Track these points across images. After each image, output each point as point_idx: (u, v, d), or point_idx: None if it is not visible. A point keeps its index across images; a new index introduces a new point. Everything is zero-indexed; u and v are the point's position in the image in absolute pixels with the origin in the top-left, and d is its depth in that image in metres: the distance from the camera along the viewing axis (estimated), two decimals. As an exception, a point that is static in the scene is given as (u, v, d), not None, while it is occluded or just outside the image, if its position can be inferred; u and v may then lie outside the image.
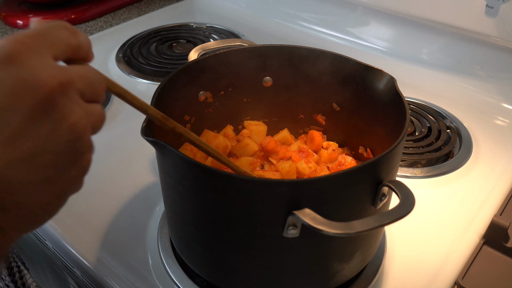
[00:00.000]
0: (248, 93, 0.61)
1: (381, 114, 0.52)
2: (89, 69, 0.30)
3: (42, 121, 0.26)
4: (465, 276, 0.52)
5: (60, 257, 0.61)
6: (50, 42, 0.28)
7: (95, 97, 0.30)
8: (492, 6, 0.79)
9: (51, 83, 0.26)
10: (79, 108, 0.28)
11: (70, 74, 0.28)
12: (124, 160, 0.70)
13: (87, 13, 1.17)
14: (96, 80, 0.30)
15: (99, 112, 0.30)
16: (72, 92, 0.27)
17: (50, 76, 0.26)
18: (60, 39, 0.28)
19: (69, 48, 0.29)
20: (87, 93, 0.29)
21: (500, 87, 0.84)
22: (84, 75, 0.29)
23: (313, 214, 0.35)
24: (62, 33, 0.29)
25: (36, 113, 0.25)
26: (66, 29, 0.29)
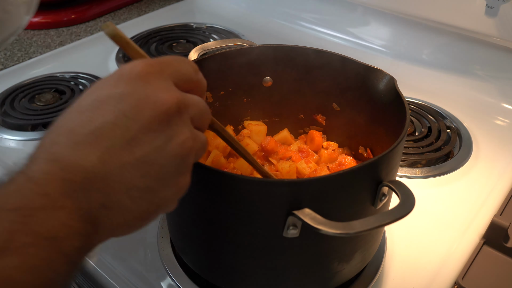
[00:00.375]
0: (248, 93, 0.61)
1: (381, 114, 0.52)
2: (202, 101, 0.33)
3: (157, 134, 0.29)
4: (465, 276, 0.52)
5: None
6: (174, 71, 0.31)
7: (201, 125, 0.33)
8: (492, 6, 0.79)
9: (170, 102, 0.29)
10: (188, 131, 0.31)
11: (186, 99, 0.31)
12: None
13: (87, 13, 1.17)
14: (206, 111, 0.33)
15: (203, 139, 0.33)
16: (185, 115, 0.31)
17: (170, 96, 0.29)
18: (183, 71, 0.32)
19: (188, 81, 0.32)
20: (196, 120, 0.32)
21: (500, 87, 0.84)
22: (197, 103, 0.32)
23: (313, 214, 0.35)
24: (186, 67, 0.32)
25: (153, 125, 0.29)
26: (190, 65, 0.33)
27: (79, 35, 1.10)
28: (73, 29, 1.14)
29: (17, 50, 1.03)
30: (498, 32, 0.81)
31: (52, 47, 1.04)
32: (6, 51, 1.03)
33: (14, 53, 1.02)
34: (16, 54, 1.02)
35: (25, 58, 1.00)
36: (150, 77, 0.30)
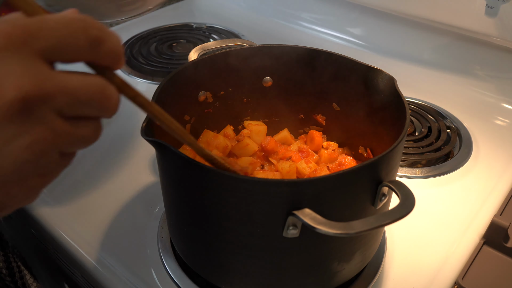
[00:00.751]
0: (248, 93, 0.61)
1: (381, 114, 0.52)
2: (84, 83, 0.25)
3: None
4: (465, 276, 0.52)
5: (60, 258, 0.61)
6: (48, 42, 0.24)
7: (85, 114, 0.26)
8: (492, 6, 0.79)
9: (10, 96, 0.22)
10: (42, 128, 0.24)
11: (45, 88, 0.24)
12: (124, 160, 0.70)
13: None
14: (92, 97, 0.26)
15: (79, 134, 0.26)
16: (40, 109, 0.24)
17: (15, 86, 0.22)
18: (64, 41, 0.24)
19: (75, 52, 0.25)
20: (70, 110, 0.25)
21: (500, 87, 0.84)
22: (70, 89, 0.25)
23: (313, 214, 0.35)
24: (70, 30, 0.24)
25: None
26: (81, 24, 0.25)
27: (79, 35, 1.10)
28: (73, 29, 1.13)
29: (17, 50, 1.03)
30: (498, 32, 0.81)
31: (52, 47, 1.04)
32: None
33: (14, 53, 1.02)
34: (16, 54, 1.02)
35: (25, 58, 1.00)
36: (4, 52, 0.23)
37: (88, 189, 0.65)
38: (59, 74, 0.24)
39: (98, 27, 0.25)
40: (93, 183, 0.66)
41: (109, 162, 0.69)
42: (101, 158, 0.70)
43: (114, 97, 0.27)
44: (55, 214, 0.61)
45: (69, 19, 0.24)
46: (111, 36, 0.26)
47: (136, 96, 0.30)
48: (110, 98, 0.27)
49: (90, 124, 0.27)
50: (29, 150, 0.24)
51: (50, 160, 0.26)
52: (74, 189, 0.65)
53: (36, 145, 0.24)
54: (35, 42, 0.23)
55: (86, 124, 0.27)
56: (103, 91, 0.26)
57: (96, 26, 0.25)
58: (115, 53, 0.27)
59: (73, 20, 0.25)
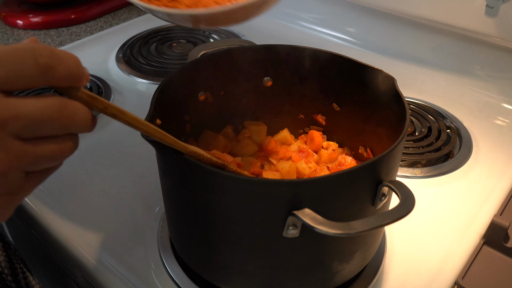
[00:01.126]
0: (248, 93, 0.61)
1: (381, 114, 0.52)
2: (39, 105, 0.26)
3: None
4: (465, 276, 0.52)
5: (60, 258, 0.61)
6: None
7: (46, 133, 0.27)
8: (492, 6, 0.79)
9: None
10: (0, 152, 0.26)
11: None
12: (124, 160, 0.70)
13: (87, 13, 1.17)
14: (49, 118, 0.26)
15: (41, 152, 0.27)
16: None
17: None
18: (13, 68, 0.25)
19: (25, 79, 0.26)
20: (27, 132, 0.26)
21: (500, 87, 0.84)
22: (23, 114, 0.26)
23: (313, 214, 0.35)
24: (17, 60, 0.25)
25: None
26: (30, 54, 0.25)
27: (79, 35, 1.10)
28: (73, 29, 1.13)
29: (17, 50, 1.03)
30: (498, 32, 0.81)
31: (52, 47, 1.04)
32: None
33: (14, 53, 1.02)
34: (16, 54, 1.02)
35: (25, 58, 0.99)
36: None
37: (88, 189, 0.65)
38: (12, 100, 0.25)
39: (47, 54, 0.26)
40: (93, 183, 0.66)
41: (109, 162, 0.69)
42: (101, 158, 0.70)
43: (78, 113, 0.28)
44: (55, 214, 0.61)
45: (17, 49, 0.25)
46: (62, 60, 0.27)
47: (107, 108, 0.30)
48: (72, 115, 0.28)
49: (54, 142, 0.28)
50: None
51: (13, 180, 0.27)
52: (74, 189, 0.65)
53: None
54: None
55: (49, 143, 0.28)
56: (61, 110, 0.27)
57: (45, 53, 0.26)
58: (70, 75, 0.27)
59: (21, 49, 0.25)
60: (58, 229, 0.59)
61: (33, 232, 0.66)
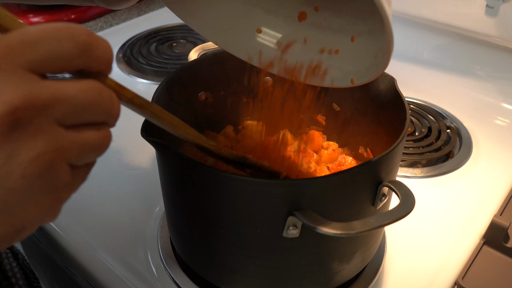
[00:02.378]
0: (248, 93, 0.61)
1: (381, 114, 0.52)
2: (81, 88, 0.24)
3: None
4: (465, 276, 0.52)
5: (60, 258, 0.61)
6: (34, 53, 0.23)
7: (87, 120, 0.25)
8: (492, 6, 0.79)
9: (4, 109, 0.21)
10: (45, 141, 0.23)
11: (37, 98, 0.22)
12: (124, 160, 0.70)
13: (87, 13, 1.17)
14: (91, 102, 0.25)
15: (85, 141, 0.26)
16: (41, 118, 0.23)
17: (7, 99, 0.21)
18: (52, 51, 0.23)
19: (64, 61, 0.24)
20: (70, 118, 0.24)
21: (500, 87, 0.84)
22: (66, 96, 0.24)
23: (313, 214, 0.35)
24: (56, 39, 0.23)
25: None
26: (68, 31, 0.24)
27: (79, 35, 1.10)
28: (73, 29, 1.13)
29: (17, 50, 1.03)
30: (498, 32, 0.81)
31: (52, 47, 1.04)
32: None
33: (14, 53, 1.02)
34: (16, 54, 1.02)
35: (25, 58, 1.00)
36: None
37: (87, 189, 0.65)
38: (52, 83, 0.23)
39: (85, 32, 0.24)
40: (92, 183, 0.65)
41: (109, 162, 0.69)
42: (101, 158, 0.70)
43: (113, 100, 0.26)
44: (55, 214, 0.61)
45: (54, 28, 0.23)
46: (100, 40, 0.25)
47: (134, 97, 0.29)
48: (110, 100, 0.26)
49: (95, 130, 0.26)
50: (34, 165, 0.23)
51: (60, 173, 0.25)
52: (74, 189, 0.64)
53: (40, 158, 0.23)
54: (20, 57, 0.22)
55: (92, 131, 0.26)
56: (102, 94, 0.25)
57: (84, 32, 0.24)
58: (106, 58, 0.26)
59: (58, 28, 0.24)
60: (58, 229, 0.59)
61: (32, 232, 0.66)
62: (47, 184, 0.24)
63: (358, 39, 0.43)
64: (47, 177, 0.24)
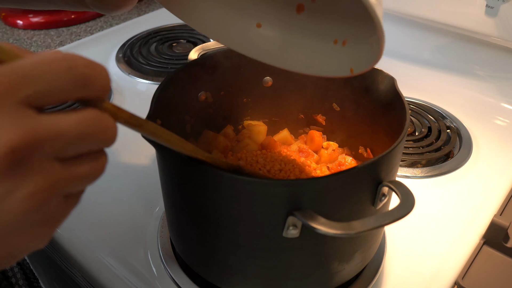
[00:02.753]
0: (248, 93, 0.61)
1: (381, 114, 0.52)
2: (75, 120, 0.24)
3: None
4: (465, 276, 0.52)
5: (60, 258, 0.61)
6: (32, 88, 0.22)
7: (84, 151, 0.25)
8: (492, 6, 0.79)
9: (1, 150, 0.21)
10: (40, 177, 0.23)
11: (34, 136, 0.22)
12: (124, 160, 0.70)
13: (87, 13, 1.17)
14: (87, 134, 0.24)
15: (81, 172, 0.26)
16: (33, 158, 0.23)
17: (1, 141, 0.21)
18: (48, 83, 0.23)
19: (60, 93, 0.23)
20: (66, 152, 0.24)
21: (500, 87, 0.84)
22: (61, 131, 0.23)
23: (313, 214, 0.35)
24: (53, 73, 0.23)
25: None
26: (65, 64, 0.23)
27: (79, 35, 1.10)
28: (73, 29, 1.14)
29: (17, 50, 1.03)
30: (498, 32, 0.81)
31: (52, 47, 1.04)
32: (6, 51, 1.02)
33: (14, 53, 1.02)
34: (16, 54, 1.02)
35: (25, 58, 1.00)
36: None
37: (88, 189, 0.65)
38: (49, 118, 0.23)
39: (83, 64, 0.24)
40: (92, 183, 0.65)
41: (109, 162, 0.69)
42: (101, 158, 0.70)
43: (110, 126, 0.26)
44: (55, 214, 0.60)
45: (51, 60, 0.23)
46: (98, 70, 0.25)
47: (130, 118, 0.29)
48: (107, 129, 0.26)
49: (91, 159, 0.26)
50: (29, 201, 0.23)
51: (54, 206, 0.25)
52: (74, 189, 0.64)
53: (35, 195, 0.23)
54: (17, 92, 0.22)
55: (88, 160, 0.26)
56: (98, 124, 0.25)
57: (81, 63, 0.24)
58: (104, 87, 0.25)
59: (55, 60, 0.23)
60: (57, 229, 0.59)
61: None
62: (41, 217, 0.25)
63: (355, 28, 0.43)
64: (41, 211, 0.24)
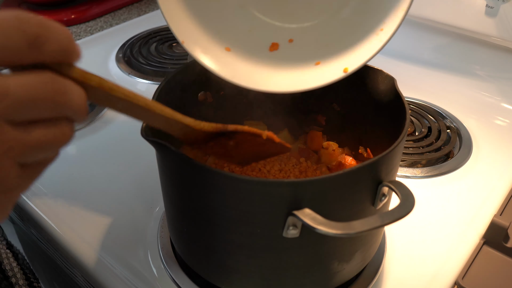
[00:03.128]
0: (248, 93, 0.60)
1: (381, 114, 0.52)
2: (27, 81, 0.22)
3: None
4: (465, 276, 0.52)
5: (60, 258, 0.61)
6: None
7: (38, 116, 0.23)
8: (492, 6, 0.79)
9: None
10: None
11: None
12: (124, 160, 0.70)
13: (87, 13, 1.17)
14: (40, 96, 0.23)
15: (35, 139, 0.24)
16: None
17: None
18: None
19: (11, 54, 0.22)
20: (17, 115, 0.23)
21: (500, 87, 0.84)
22: (11, 92, 0.22)
23: (313, 214, 0.35)
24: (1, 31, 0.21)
25: None
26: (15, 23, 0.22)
27: (79, 35, 1.10)
28: (73, 29, 1.13)
29: (17, 50, 1.03)
30: (498, 32, 0.81)
31: (52, 47, 1.04)
32: (6, 51, 1.02)
33: (14, 53, 1.02)
34: (16, 54, 1.02)
35: (25, 58, 1.00)
36: None
37: (88, 189, 0.65)
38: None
39: (36, 23, 0.22)
40: (93, 183, 0.66)
41: (109, 162, 0.69)
42: (101, 158, 0.70)
43: (73, 92, 0.24)
44: (54, 214, 0.61)
45: (0, 19, 0.21)
46: (53, 30, 0.23)
47: (101, 82, 0.26)
48: (66, 93, 0.24)
49: (48, 126, 0.24)
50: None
51: (7, 174, 0.23)
52: (74, 189, 0.65)
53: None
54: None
55: (44, 127, 0.24)
56: (54, 86, 0.23)
57: (35, 22, 0.22)
58: (63, 49, 0.24)
59: (5, 19, 0.21)
60: (58, 229, 0.59)
61: (32, 232, 0.66)
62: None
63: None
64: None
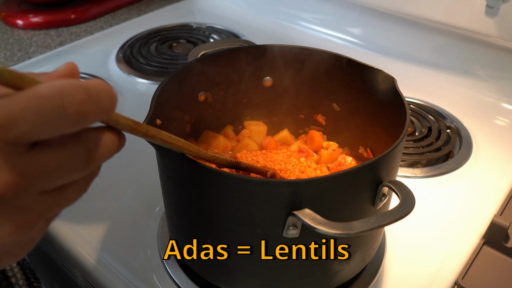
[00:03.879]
0: (248, 93, 0.61)
1: (381, 114, 0.52)
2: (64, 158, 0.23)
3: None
4: (465, 276, 0.52)
5: (60, 258, 0.61)
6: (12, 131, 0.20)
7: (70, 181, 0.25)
8: (492, 6, 0.79)
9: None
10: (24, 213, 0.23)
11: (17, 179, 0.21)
12: (124, 160, 0.70)
13: (87, 13, 1.17)
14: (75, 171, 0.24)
15: (64, 201, 0.26)
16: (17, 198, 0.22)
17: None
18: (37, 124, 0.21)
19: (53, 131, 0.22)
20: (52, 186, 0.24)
21: (500, 87, 0.84)
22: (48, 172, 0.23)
23: (313, 215, 0.35)
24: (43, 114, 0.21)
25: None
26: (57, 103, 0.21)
27: (79, 35, 1.10)
28: (73, 29, 1.13)
29: (17, 50, 1.03)
30: (498, 32, 0.81)
31: (52, 47, 1.04)
32: (6, 51, 1.02)
33: (14, 53, 1.02)
34: (16, 54, 1.02)
35: (25, 58, 1.00)
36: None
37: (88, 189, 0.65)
38: (36, 156, 0.22)
39: (78, 100, 0.21)
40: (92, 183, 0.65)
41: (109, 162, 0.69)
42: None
43: (106, 151, 0.27)
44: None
45: (42, 97, 0.21)
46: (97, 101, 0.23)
47: (146, 133, 0.29)
48: (101, 157, 0.26)
49: (75, 187, 0.26)
50: (14, 234, 0.23)
51: (36, 232, 0.26)
52: (74, 189, 0.64)
53: (20, 228, 0.23)
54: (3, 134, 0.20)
55: (71, 189, 0.26)
56: (88, 156, 0.25)
57: (78, 99, 0.21)
58: (108, 112, 0.24)
59: (46, 97, 0.21)
60: (58, 228, 0.59)
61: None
62: (22, 242, 0.26)
63: None
64: (23, 239, 0.25)
